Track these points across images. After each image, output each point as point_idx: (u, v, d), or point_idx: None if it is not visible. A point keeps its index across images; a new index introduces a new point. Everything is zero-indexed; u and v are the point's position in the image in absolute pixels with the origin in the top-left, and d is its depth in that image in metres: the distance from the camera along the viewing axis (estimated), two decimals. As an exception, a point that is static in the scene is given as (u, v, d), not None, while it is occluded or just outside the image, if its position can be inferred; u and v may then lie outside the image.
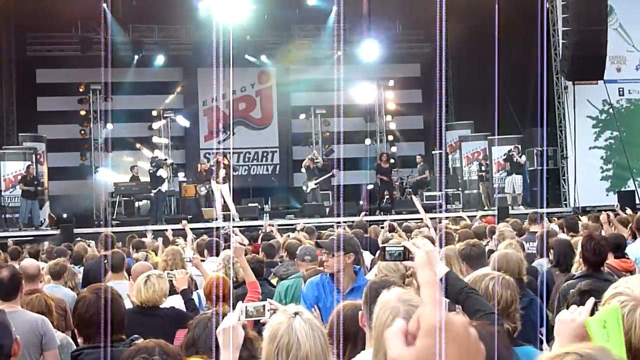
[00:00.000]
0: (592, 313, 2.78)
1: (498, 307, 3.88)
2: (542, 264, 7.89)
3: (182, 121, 27.26)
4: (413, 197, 18.93)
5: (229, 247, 9.86)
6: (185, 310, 6.73)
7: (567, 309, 2.87)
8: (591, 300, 2.83)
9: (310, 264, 7.31)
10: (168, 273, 7.07)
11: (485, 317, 3.47)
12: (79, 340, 4.09)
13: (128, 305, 5.86)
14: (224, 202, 21.64)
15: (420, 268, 1.33)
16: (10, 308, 5.01)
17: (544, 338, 5.06)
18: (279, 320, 2.97)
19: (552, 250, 7.75)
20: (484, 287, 3.92)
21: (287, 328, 2.92)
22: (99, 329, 3.90)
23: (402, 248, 3.67)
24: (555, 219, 13.59)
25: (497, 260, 5.68)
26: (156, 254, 11.25)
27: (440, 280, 3.47)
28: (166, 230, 14.89)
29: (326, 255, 5.67)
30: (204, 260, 9.23)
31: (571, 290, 4.72)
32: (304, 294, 5.85)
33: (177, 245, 11.10)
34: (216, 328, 3.24)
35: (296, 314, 2.98)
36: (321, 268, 7.08)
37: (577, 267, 6.83)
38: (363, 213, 17.04)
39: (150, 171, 22.44)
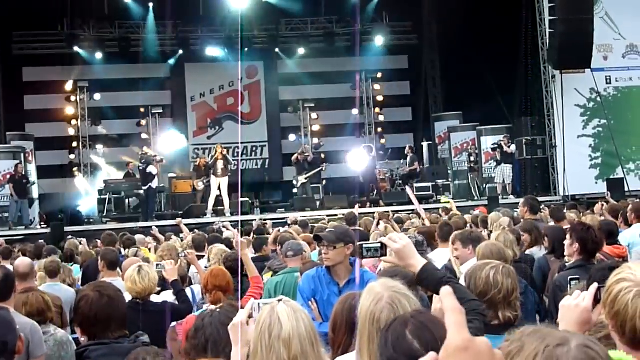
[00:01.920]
0: (595, 298, 2.81)
1: (499, 295, 3.90)
2: (534, 252, 7.93)
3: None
4: (406, 188, 18.91)
5: (223, 242, 9.90)
6: (176, 301, 6.72)
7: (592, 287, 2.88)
8: (594, 286, 2.85)
9: (293, 259, 7.32)
10: (157, 264, 7.04)
11: (467, 305, 3.48)
12: (82, 338, 4.07)
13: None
14: (219, 196, 21.65)
15: (445, 297, 1.38)
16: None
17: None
18: (263, 307, 3.02)
19: (546, 238, 7.78)
20: (484, 276, 3.94)
21: (270, 312, 2.96)
22: (102, 326, 3.90)
23: (379, 244, 3.71)
24: (547, 208, 13.62)
25: (482, 252, 5.70)
26: (150, 250, 11.25)
27: (420, 272, 3.49)
28: (152, 228, 14.90)
29: (326, 248, 5.65)
30: (202, 257, 9.23)
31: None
32: (300, 288, 5.83)
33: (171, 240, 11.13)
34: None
35: (280, 300, 3.03)
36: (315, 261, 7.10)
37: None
38: (357, 205, 17.06)
39: (140, 168, 22.38)
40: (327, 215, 18.07)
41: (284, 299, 3.04)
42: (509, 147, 22.54)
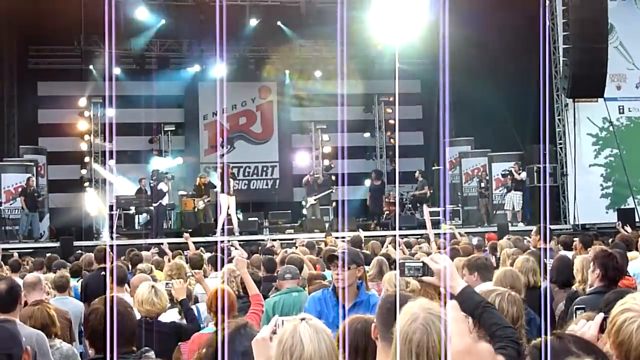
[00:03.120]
0: (601, 328, 2.81)
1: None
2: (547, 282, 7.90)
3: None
4: (424, 206, 18.71)
5: (230, 261, 9.89)
6: (184, 320, 6.75)
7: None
8: (600, 316, 2.85)
9: (290, 281, 7.32)
10: (167, 283, 7.07)
11: (502, 331, 3.51)
12: (90, 351, 4.08)
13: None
14: (228, 215, 21.62)
15: (450, 309, 1.45)
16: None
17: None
18: (286, 326, 3.03)
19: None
20: (489, 303, 3.94)
21: (292, 331, 2.97)
22: (111, 340, 3.90)
23: (421, 263, 3.70)
24: (555, 237, 13.57)
25: (499, 277, 5.72)
26: (157, 268, 11.24)
27: (459, 294, 3.51)
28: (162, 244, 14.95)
29: (342, 269, 5.65)
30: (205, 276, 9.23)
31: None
32: (306, 310, 5.84)
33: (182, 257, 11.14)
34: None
35: (302, 319, 3.03)
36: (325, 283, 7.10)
37: (579, 285, 6.82)
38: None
39: (151, 184, 22.47)
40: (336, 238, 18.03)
41: (307, 318, 3.06)
42: (519, 174, 22.52)
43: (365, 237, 14.72)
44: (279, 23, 26.31)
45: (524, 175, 22.67)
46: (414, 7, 21.26)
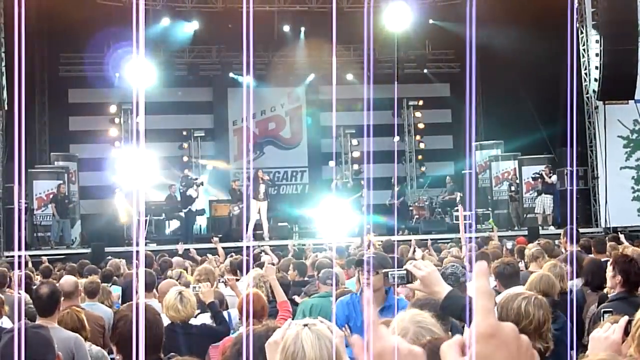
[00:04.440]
0: (625, 331, 2.80)
1: (530, 327, 3.89)
2: (574, 285, 7.85)
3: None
4: (459, 206, 18.53)
5: (259, 266, 9.93)
6: (214, 323, 6.80)
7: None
8: (624, 319, 2.85)
9: (330, 287, 7.34)
10: (194, 287, 7.12)
11: None
12: (117, 357, 4.13)
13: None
14: (258, 220, 21.66)
15: (478, 276, 1.35)
16: (46, 324, 5.05)
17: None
18: (289, 332, 3.05)
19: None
20: (516, 307, 3.94)
21: (295, 338, 2.99)
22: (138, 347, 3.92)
23: (404, 271, 3.74)
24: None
25: (534, 282, 5.70)
26: (188, 272, 11.31)
27: (444, 299, 3.52)
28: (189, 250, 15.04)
29: (368, 273, 5.68)
30: (238, 280, 9.28)
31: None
32: (335, 314, 5.86)
33: (209, 261, 11.19)
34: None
35: (305, 325, 3.05)
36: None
37: (610, 289, 6.78)
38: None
39: (181, 190, 22.59)
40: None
41: (310, 324, 3.07)
42: (550, 177, 22.39)
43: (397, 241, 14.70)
44: (306, 28, 26.36)
45: (554, 178, 22.53)
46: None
